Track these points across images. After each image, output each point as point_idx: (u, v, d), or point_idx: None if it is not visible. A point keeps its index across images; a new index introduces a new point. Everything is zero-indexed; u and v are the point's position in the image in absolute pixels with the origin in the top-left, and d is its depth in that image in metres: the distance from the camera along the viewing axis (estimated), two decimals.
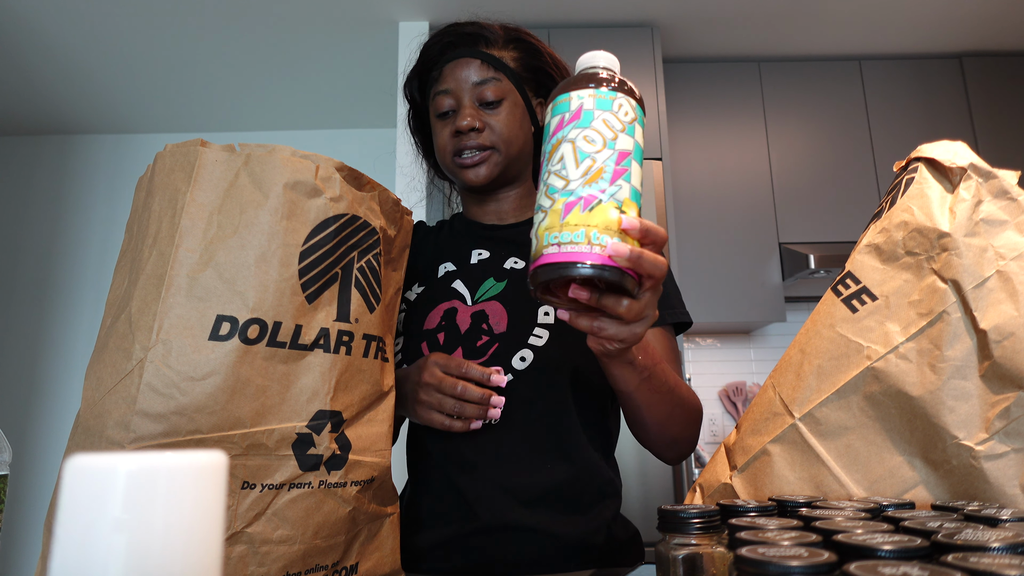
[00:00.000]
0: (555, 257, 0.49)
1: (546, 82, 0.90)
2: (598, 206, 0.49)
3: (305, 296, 0.57)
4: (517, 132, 0.85)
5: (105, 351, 0.55)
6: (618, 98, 0.52)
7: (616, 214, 0.50)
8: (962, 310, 0.56)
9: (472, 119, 0.82)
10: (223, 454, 0.25)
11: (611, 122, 0.52)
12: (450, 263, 0.89)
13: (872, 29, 2.56)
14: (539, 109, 0.91)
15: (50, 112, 3.02)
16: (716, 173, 2.57)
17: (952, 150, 0.62)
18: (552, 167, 0.52)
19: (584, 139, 0.51)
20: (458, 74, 0.84)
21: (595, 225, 0.49)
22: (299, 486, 0.56)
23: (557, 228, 0.49)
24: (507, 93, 0.85)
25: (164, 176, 0.58)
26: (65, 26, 2.40)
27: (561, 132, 0.52)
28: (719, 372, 2.78)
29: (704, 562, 0.43)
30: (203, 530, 0.23)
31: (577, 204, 0.49)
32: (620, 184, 0.51)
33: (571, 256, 0.48)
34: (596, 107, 0.52)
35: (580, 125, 0.52)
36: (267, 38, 2.51)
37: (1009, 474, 0.52)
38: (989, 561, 0.30)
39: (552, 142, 0.53)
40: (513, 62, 0.87)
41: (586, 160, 0.50)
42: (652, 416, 0.73)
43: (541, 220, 0.51)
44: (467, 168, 0.84)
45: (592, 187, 0.50)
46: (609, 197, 0.50)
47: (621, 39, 2.44)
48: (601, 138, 0.51)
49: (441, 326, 0.83)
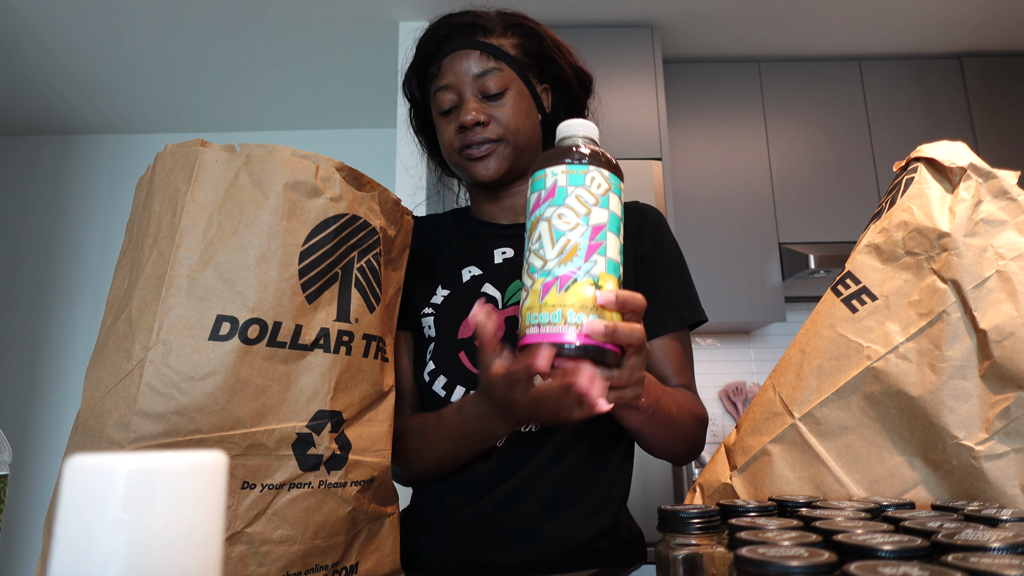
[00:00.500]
0: (536, 338, 0.51)
1: (549, 67, 0.87)
2: (573, 285, 0.51)
3: (305, 296, 0.57)
4: (524, 121, 0.82)
5: (105, 351, 0.55)
6: (590, 171, 0.53)
7: (591, 291, 0.51)
8: (962, 310, 0.56)
9: (476, 113, 0.79)
10: (223, 454, 0.25)
11: (584, 197, 0.53)
12: (474, 267, 0.85)
13: (872, 29, 2.56)
14: (544, 95, 0.88)
15: (50, 112, 3.02)
16: (716, 173, 2.57)
17: (952, 150, 0.62)
18: (532, 246, 0.54)
19: (559, 217, 0.53)
20: (457, 67, 0.81)
21: (571, 305, 0.50)
22: (299, 486, 0.56)
23: (537, 309, 0.51)
24: (510, 82, 0.82)
25: (164, 176, 0.58)
26: (65, 26, 2.40)
27: (539, 210, 0.54)
28: (719, 372, 2.78)
29: (704, 562, 0.43)
30: (203, 530, 0.23)
31: (554, 284, 0.51)
32: (595, 259, 0.52)
33: (550, 337, 0.50)
34: (569, 183, 0.53)
35: (555, 203, 0.53)
36: (267, 38, 2.51)
37: (1009, 474, 0.52)
38: (989, 561, 0.30)
39: (532, 219, 0.55)
40: (513, 49, 0.84)
41: (561, 239, 0.52)
42: (657, 441, 0.75)
43: (524, 299, 0.53)
44: (475, 161, 0.81)
45: (567, 266, 0.51)
46: (584, 274, 0.51)
47: (621, 39, 2.44)
48: (574, 215, 0.52)
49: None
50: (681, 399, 0.76)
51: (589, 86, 0.93)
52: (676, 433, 0.74)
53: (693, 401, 0.81)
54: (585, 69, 0.92)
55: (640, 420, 0.67)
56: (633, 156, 2.30)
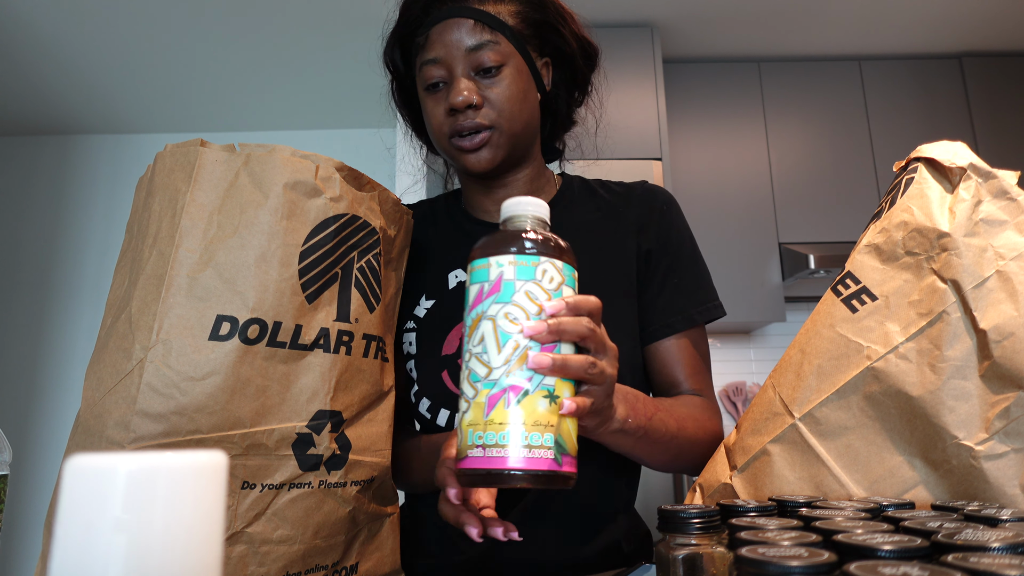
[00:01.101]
0: (480, 463, 0.43)
1: (552, 38, 0.78)
2: (524, 399, 0.43)
3: (305, 296, 0.57)
4: (521, 104, 0.73)
5: (105, 351, 0.55)
6: (542, 263, 0.46)
7: (546, 405, 0.44)
8: (962, 310, 0.56)
9: (469, 93, 0.70)
10: (223, 454, 0.25)
11: (535, 294, 0.45)
12: (462, 271, 0.79)
13: (872, 29, 2.56)
14: (545, 71, 0.79)
15: (50, 112, 3.02)
16: (716, 173, 2.57)
17: (952, 150, 0.62)
18: (473, 348, 0.46)
19: (506, 317, 0.45)
20: (448, 38, 0.71)
21: (523, 423, 0.43)
22: (299, 486, 0.56)
23: (481, 426, 0.43)
24: (507, 57, 0.72)
25: (164, 176, 0.58)
26: (65, 26, 2.40)
27: (480, 306, 0.46)
28: (719, 372, 2.78)
29: (704, 562, 0.43)
30: (203, 530, 0.23)
31: (501, 397, 0.43)
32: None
33: (496, 463, 0.42)
34: (517, 277, 0.45)
35: (500, 300, 0.45)
36: (267, 38, 2.51)
37: (1009, 474, 0.52)
38: (989, 561, 0.30)
39: (472, 316, 0.47)
40: (512, 17, 0.74)
41: (508, 343, 0.44)
42: (655, 461, 0.69)
43: (465, 411, 0.45)
44: (467, 152, 0.73)
45: (517, 375, 0.44)
46: (536, 386, 0.44)
47: (621, 39, 2.44)
48: (524, 314, 0.45)
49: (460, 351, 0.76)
50: (683, 413, 0.70)
51: (594, 59, 0.84)
52: (678, 451, 0.68)
53: (702, 412, 0.73)
54: (590, 39, 0.82)
55: (630, 443, 0.61)
56: (633, 156, 2.30)
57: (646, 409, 0.62)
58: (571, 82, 0.84)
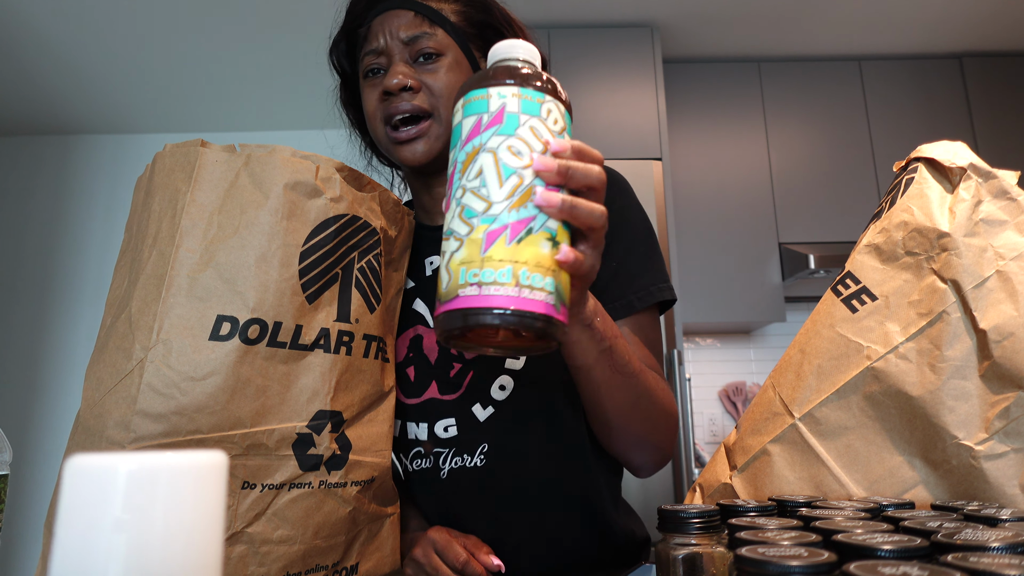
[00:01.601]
0: (475, 301, 0.39)
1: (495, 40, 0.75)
2: (527, 237, 0.40)
3: (305, 296, 0.57)
4: None
5: (105, 351, 0.55)
6: (547, 102, 0.43)
7: (548, 248, 0.41)
8: (962, 310, 0.56)
9: (404, 77, 0.70)
10: (223, 454, 0.25)
11: (540, 131, 0.42)
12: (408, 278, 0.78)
13: (872, 29, 2.56)
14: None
15: (50, 112, 3.02)
16: (716, 173, 2.57)
17: (952, 150, 0.62)
18: (468, 182, 0.42)
19: (509, 150, 0.42)
20: (387, 28, 0.72)
21: (524, 262, 0.40)
22: (299, 486, 0.56)
23: (477, 264, 0.40)
24: (446, 48, 0.72)
25: (164, 176, 0.58)
26: (65, 26, 2.40)
27: (478, 138, 0.42)
28: (719, 372, 2.78)
29: (704, 562, 0.43)
30: (203, 530, 0.23)
31: (502, 234, 0.40)
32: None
33: (494, 301, 0.39)
34: (521, 110, 0.42)
35: (503, 132, 0.42)
36: (267, 38, 2.51)
37: (1009, 474, 0.52)
38: (989, 561, 0.30)
39: (466, 150, 0.43)
40: (455, 15, 0.74)
41: (512, 178, 0.41)
42: (613, 402, 0.63)
43: (455, 250, 0.42)
44: (402, 144, 0.72)
45: (520, 212, 0.41)
46: (540, 226, 0.41)
47: (621, 39, 2.44)
48: (528, 150, 0.42)
49: (409, 359, 0.75)
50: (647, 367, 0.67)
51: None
52: (638, 397, 0.63)
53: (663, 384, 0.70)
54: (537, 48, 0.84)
55: (595, 352, 0.57)
56: (633, 156, 2.30)
57: (612, 323, 0.59)
58: None
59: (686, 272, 2.42)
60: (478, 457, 0.71)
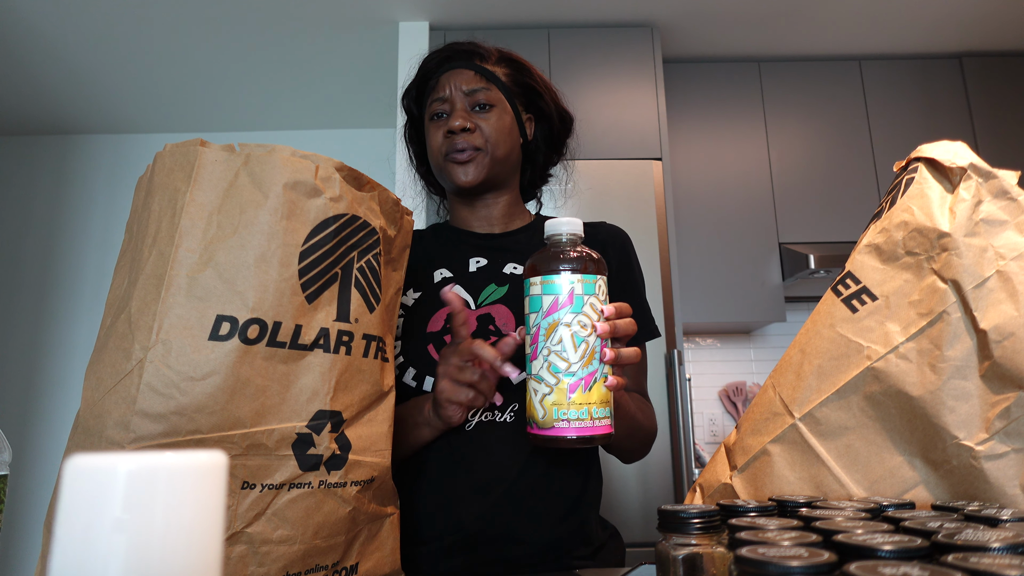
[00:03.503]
0: (567, 431, 0.60)
1: (535, 99, 0.97)
2: (595, 385, 0.61)
3: (305, 296, 0.57)
4: (506, 137, 0.91)
5: (105, 351, 0.55)
6: (598, 280, 0.63)
7: (603, 388, 0.62)
8: (962, 310, 0.56)
9: (464, 120, 0.88)
10: (223, 454, 0.25)
11: (595, 305, 0.62)
12: (445, 270, 0.91)
13: (872, 29, 2.56)
14: (528, 124, 0.98)
15: (50, 112, 3.02)
16: (716, 173, 2.57)
17: (952, 150, 0.62)
18: (552, 346, 0.61)
19: (579, 324, 0.61)
20: (453, 83, 0.91)
21: (594, 403, 0.61)
22: (299, 486, 0.56)
23: (565, 406, 0.60)
24: (497, 101, 0.91)
25: (164, 176, 0.58)
26: (65, 26, 2.40)
27: (556, 315, 0.61)
28: (719, 372, 2.78)
29: (704, 562, 0.43)
30: (203, 530, 0.23)
31: (579, 385, 0.61)
32: (605, 353, 0.62)
33: (581, 431, 0.60)
34: (584, 292, 0.62)
35: (574, 310, 0.61)
36: (267, 38, 2.51)
37: (1009, 474, 0.52)
38: (989, 561, 0.30)
39: (549, 320, 0.62)
40: (505, 77, 0.94)
41: (582, 345, 0.61)
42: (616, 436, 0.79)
43: (547, 393, 0.61)
44: (457, 165, 0.89)
45: (588, 368, 0.61)
46: (601, 374, 0.62)
47: (621, 39, 2.44)
48: (590, 322, 0.61)
49: (447, 328, 0.85)
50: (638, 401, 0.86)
51: (570, 126, 1.03)
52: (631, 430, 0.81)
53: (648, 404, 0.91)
54: (568, 111, 1.02)
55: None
56: (633, 156, 2.30)
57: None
58: (549, 139, 1.02)
59: (686, 272, 2.42)
60: (508, 414, 0.80)
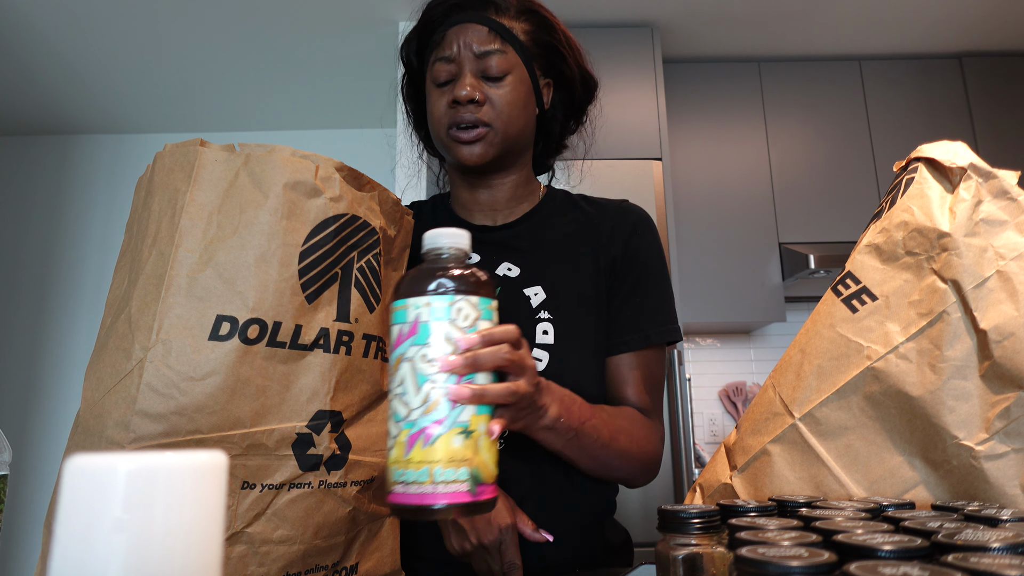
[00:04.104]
0: (402, 499, 0.45)
1: (556, 62, 0.83)
2: (440, 439, 0.46)
3: (305, 296, 0.57)
4: (520, 112, 0.78)
5: (105, 351, 0.55)
6: (456, 302, 0.47)
7: (460, 441, 0.46)
8: (962, 310, 0.56)
9: (473, 90, 0.75)
10: (223, 454, 0.25)
11: (452, 335, 0.47)
12: None
13: (872, 29, 2.56)
14: (546, 90, 0.84)
15: (50, 112, 3.02)
16: (716, 173, 2.57)
17: (952, 150, 0.62)
18: (395, 388, 0.48)
19: (422, 359, 0.46)
20: (462, 40, 0.77)
21: (438, 461, 0.45)
22: (299, 486, 0.56)
23: (403, 464, 0.46)
24: (513, 67, 0.78)
25: (164, 176, 0.58)
26: (65, 26, 2.40)
27: (400, 349, 0.48)
28: (719, 372, 2.78)
29: (704, 562, 0.43)
30: (203, 530, 0.23)
31: (419, 438, 0.46)
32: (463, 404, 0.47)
33: (417, 499, 0.45)
34: (432, 318, 0.47)
35: (417, 342, 0.47)
36: (267, 38, 2.51)
37: (1009, 474, 0.52)
38: (989, 561, 0.30)
39: (393, 358, 0.48)
40: (524, 34, 0.80)
41: (425, 385, 0.46)
42: (584, 466, 0.71)
43: (390, 447, 0.47)
44: (462, 144, 0.77)
45: (431, 415, 0.46)
46: (451, 424, 0.46)
47: (621, 39, 2.44)
48: (440, 355, 0.47)
49: None
50: (619, 425, 0.72)
51: (593, 91, 0.90)
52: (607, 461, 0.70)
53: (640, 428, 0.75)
54: (592, 73, 0.89)
55: (560, 443, 0.65)
56: (633, 156, 2.30)
57: (580, 413, 0.65)
58: (568, 107, 0.88)
59: (686, 272, 2.42)
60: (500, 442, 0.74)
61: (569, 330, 0.77)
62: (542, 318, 0.77)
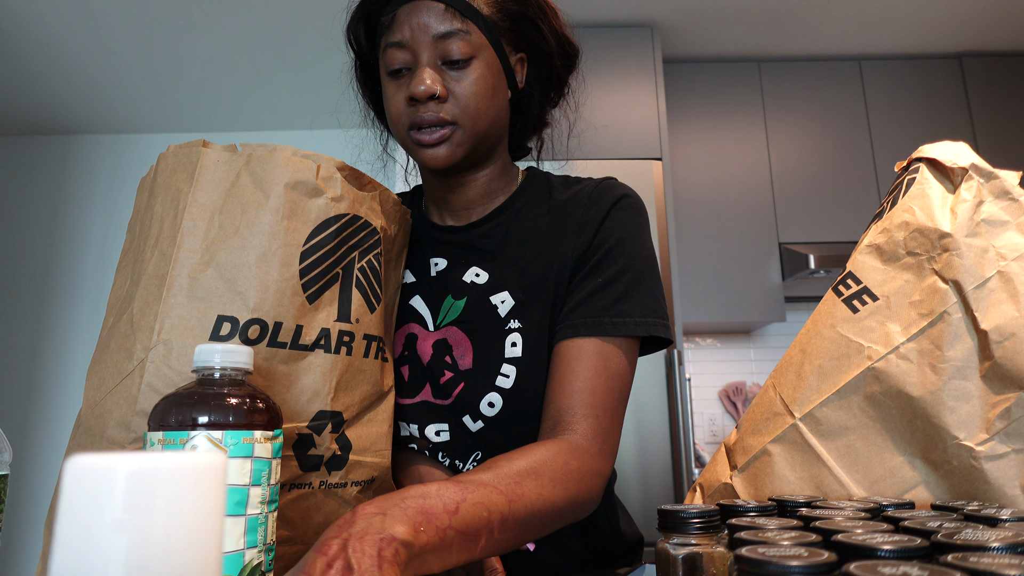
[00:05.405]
0: None
1: (529, 33, 0.72)
2: None
3: (306, 296, 0.57)
4: (488, 102, 0.68)
5: (107, 351, 0.55)
6: (192, 439, 0.38)
7: None
8: (963, 310, 0.56)
9: (432, 83, 0.65)
10: (223, 454, 0.25)
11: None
12: (410, 272, 0.76)
13: (872, 29, 2.56)
14: (519, 67, 0.74)
15: (50, 112, 3.02)
16: (716, 173, 2.57)
17: (953, 150, 0.62)
18: None
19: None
20: (415, 21, 0.66)
21: None
22: (300, 486, 0.56)
23: None
24: (478, 50, 0.67)
25: (166, 176, 0.58)
26: (65, 26, 2.40)
27: None
28: (719, 372, 2.78)
29: (704, 562, 0.43)
30: (203, 530, 0.23)
31: None
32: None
33: None
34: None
35: None
36: (267, 38, 2.51)
37: (1009, 475, 0.52)
38: (989, 561, 0.30)
39: None
40: (488, 7, 0.69)
41: None
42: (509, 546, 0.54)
43: None
44: (425, 148, 0.68)
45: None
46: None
47: (621, 39, 2.44)
48: None
49: (404, 357, 0.73)
50: (516, 475, 0.53)
51: (573, 60, 0.78)
52: (523, 529, 0.53)
53: (556, 458, 0.57)
54: (571, 38, 0.76)
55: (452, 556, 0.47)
56: (633, 156, 2.30)
57: (446, 506, 0.47)
58: (546, 81, 0.78)
59: (686, 272, 2.42)
60: (471, 463, 0.71)
61: (539, 341, 0.69)
62: (512, 328, 0.70)
